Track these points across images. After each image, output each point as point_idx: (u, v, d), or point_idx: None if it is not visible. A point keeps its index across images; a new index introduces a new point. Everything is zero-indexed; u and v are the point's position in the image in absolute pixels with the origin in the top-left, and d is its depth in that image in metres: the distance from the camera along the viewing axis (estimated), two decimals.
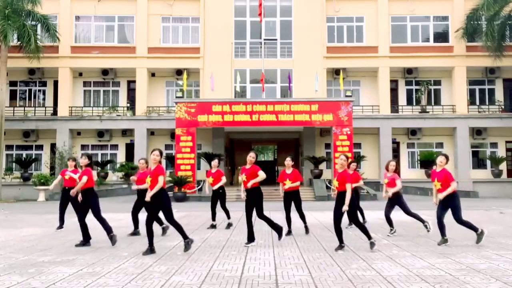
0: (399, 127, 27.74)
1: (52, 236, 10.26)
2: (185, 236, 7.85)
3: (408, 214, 9.98)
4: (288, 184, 9.80)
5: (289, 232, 10.07)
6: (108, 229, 8.74)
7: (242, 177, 8.67)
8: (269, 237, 9.64)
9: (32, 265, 6.89)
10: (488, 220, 13.08)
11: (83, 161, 8.95)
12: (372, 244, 7.93)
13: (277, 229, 8.77)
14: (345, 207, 7.74)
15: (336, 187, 8.07)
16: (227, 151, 28.74)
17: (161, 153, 7.93)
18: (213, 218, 11.54)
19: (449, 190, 8.22)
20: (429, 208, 16.71)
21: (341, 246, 8.03)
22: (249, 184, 8.48)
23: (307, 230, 10.21)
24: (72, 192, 8.86)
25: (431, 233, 9.68)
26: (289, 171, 9.92)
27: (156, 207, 7.80)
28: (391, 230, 9.96)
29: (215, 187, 11.29)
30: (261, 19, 26.47)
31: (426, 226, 9.83)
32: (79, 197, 8.85)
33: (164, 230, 10.09)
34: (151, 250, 7.73)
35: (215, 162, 11.67)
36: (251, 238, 8.70)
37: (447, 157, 8.55)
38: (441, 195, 8.25)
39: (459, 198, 8.48)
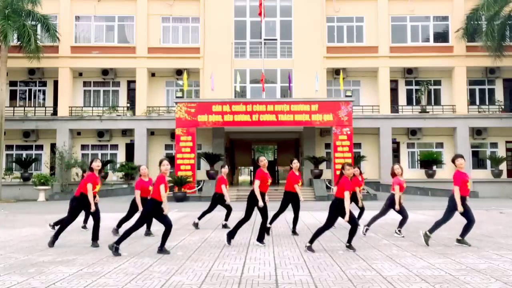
0: (399, 127, 27.73)
1: None
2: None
3: (402, 215, 9.85)
4: (299, 185, 9.97)
5: (268, 229, 10.16)
6: (97, 235, 8.74)
7: (269, 181, 8.66)
8: (268, 236, 9.64)
9: (32, 265, 6.89)
10: (488, 220, 13.08)
11: (99, 164, 8.89)
12: (349, 247, 8.00)
13: (262, 234, 8.80)
14: (346, 218, 7.74)
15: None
16: (227, 151, 28.74)
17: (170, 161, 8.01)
18: (200, 218, 11.68)
19: (456, 197, 8.22)
20: (429, 208, 16.75)
21: (311, 246, 8.06)
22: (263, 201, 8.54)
23: (295, 232, 10.23)
24: (92, 208, 8.61)
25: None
26: (297, 173, 10.05)
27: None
28: (366, 229, 9.99)
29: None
30: (263, 17, 26.41)
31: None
32: (93, 208, 8.63)
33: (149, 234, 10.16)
34: (116, 248, 7.67)
35: (225, 169, 11.68)
36: (233, 236, 8.83)
37: (461, 157, 8.48)
38: (459, 208, 8.21)
39: (453, 202, 8.32)
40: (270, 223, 10.20)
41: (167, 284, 5.66)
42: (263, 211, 8.58)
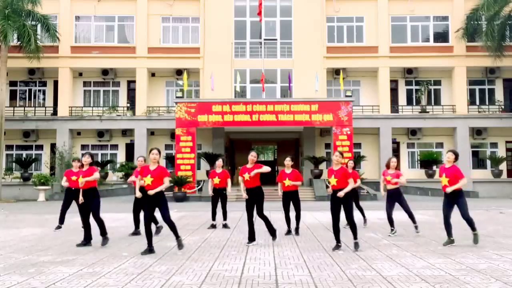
0: (399, 127, 27.73)
1: (52, 236, 10.26)
2: (177, 235, 7.91)
3: (407, 212, 9.95)
4: (288, 182, 9.84)
5: (289, 232, 10.15)
6: (103, 231, 8.76)
7: (245, 176, 8.66)
8: (269, 236, 9.62)
9: (32, 265, 6.89)
10: (488, 220, 13.08)
11: (87, 159, 8.88)
12: (356, 245, 7.95)
13: (272, 230, 8.83)
14: (341, 193, 7.73)
15: (333, 185, 7.98)
16: (227, 151, 28.74)
17: (159, 151, 7.94)
18: (213, 218, 11.57)
19: (458, 185, 8.22)
20: (429, 208, 16.74)
21: (338, 245, 8.07)
22: (252, 174, 8.51)
23: (297, 231, 10.20)
24: (81, 183, 8.72)
25: (425, 233, 9.69)
26: (288, 170, 9.96)
27: (154, 206, 7.83)
28: (392, 230, 9.95)
29: (228, 188, 11.37)
30: (261, 18, 26.46)
31: (416, 227, 9.95)
32: (81, 199, 8.74)
33: (158, 230, 10.09)
34: (150, 250, 7.74)
35: (219, 162, 11.63)
36: (252, 237, 8.76)
37: (455, 153, 8.53)
38: (450, 189, 8.23)
39: (464, 195, 8.49)
40: (288, 227, 10.26)
41: (167, 284, 5.66)
42: (258, 208, 8.65)
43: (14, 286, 5.61)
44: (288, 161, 10.00)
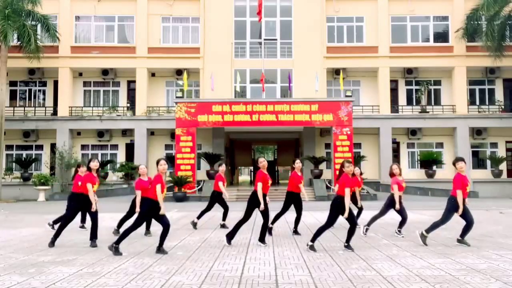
0: (399, 127, 27.73)
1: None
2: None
3: (401, 215, 9.85)
4: (302, 186, 10.12)
5: (269, 229, 10.09)
6: (95, 234, 8.77)
7: (269, 182, 8.72)
8: (269, 237, 9.63)
9: (32, 265, 6.89)
10: (488, 220, 13.08)
11: (97, 164, 9.09)
12: (347, 247, 8.01)
13: (263, 234, 8.85)
14: (346, 214, 7.79)
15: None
16: (227, 151, 28.74)
17: (167, 161, 8.06)
18: (199, 217, 11.58)
19: (459, 200, 8.23)
20: (429, 208, 16.75)
21: (312, 246, 8.06)
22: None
23: (296, 232, 10.24)
24: (93, 208, 8.69)
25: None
26: (300, 173, 10.22)
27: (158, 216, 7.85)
28: (366, 229, 9.99)
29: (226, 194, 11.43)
30: (260, 18, 26.44)
31: (400, 231, 9.90)
32: (94, 208, 8.72)
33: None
34: (116, 248, 7.71)
35: (223, 168, 11.56)
36: (232, 237, 8.86)
37: (464, 160, 8.54)
38: (460, 211, 8.28)
39: (452, 204, 8.34)
40: (272, 223, 10.23)
41: (167, 284, 5.66)
42: (264, 213, 8.60)
43: (14, 286, 5.61)
44: (299, 163, 10.15)
